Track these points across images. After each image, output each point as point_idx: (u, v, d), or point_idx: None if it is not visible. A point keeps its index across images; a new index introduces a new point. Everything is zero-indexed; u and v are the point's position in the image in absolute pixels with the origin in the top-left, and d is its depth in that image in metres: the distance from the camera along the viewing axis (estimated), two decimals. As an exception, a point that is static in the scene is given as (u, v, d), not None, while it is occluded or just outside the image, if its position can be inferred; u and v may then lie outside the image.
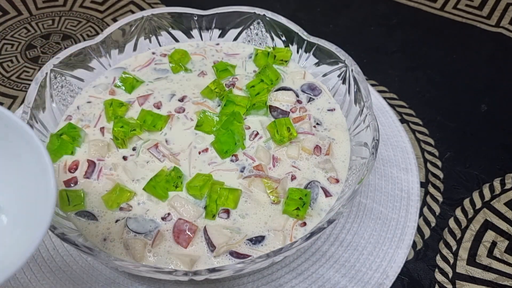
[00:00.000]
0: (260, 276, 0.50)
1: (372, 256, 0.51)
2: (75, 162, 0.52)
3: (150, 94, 0.59)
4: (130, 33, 0.63)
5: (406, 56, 0.76)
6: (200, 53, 0.65)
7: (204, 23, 0.65)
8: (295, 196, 0.48)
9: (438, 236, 0.55)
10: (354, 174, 0.50)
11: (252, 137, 0.55)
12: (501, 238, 0.55)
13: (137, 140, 0.54)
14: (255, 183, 0.51)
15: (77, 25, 0.80)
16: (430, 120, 0.67)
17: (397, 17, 0.83)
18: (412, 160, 0.60)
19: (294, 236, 0.48)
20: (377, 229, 0.53)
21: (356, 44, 0.77)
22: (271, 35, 0.64)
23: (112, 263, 0.40)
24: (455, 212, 0.57)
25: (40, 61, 0.74)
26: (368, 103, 0.52)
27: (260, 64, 0.62)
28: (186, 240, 0.46)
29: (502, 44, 0.78)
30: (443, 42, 0.78)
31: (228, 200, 0.48)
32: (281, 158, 0.53)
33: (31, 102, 0.52)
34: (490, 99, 0.70)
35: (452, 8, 0.84)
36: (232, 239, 0.47)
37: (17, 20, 0.81)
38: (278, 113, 0.58)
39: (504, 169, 0.61)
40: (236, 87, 0.60)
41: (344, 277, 0.50)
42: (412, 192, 0.57)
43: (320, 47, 0.60)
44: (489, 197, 0.59)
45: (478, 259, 0.53)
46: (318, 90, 0.61)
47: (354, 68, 0.56)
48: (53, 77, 0.56)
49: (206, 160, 0.53)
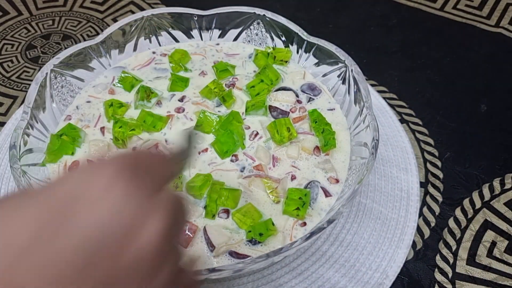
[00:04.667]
0: (260, 276, 0.50)
1: (372, 256, 0.51)
2: (75, 162, 0.52)
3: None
4: (130, 33, 0.63)
5: (406, 56, 0.76)
6: (200, 53, 0.65)
7: (204, 23, 0.65)
8: (295, 196, 0.48)
9: (438, 236, 0.55)
10: (354, 174, 0.50)
11: (252, 137, 0.55)
12: (501, 238, 0.55)
13: (137, 140, 0.54)
14: (255, 183, 0.51)
15: (77, 25, 0.80)
16: (430, 120, 0.67)
17: (397, 17, 0.83)
18: (412, 160, 0.60)
19: (294, 236, 0.48)
20: (377, 229, 0.53)
21: (356, 44, 0.77)
22: (271, 35, 0.64)
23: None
24: (454, 212, 0.57)
25: (40, 61, 0.74)
26: (368, 103, 0.52)
27: (260, 64, 0.62)
28: (186, 240, 0.46)
29: (502, 44, 0.78)
30: (443, 42, 0.78)
31: (228, 200, 0.48)
32: (281, 158, 0.53)
33: (31, 102, 0.52)
34: (490, 99, 0.70)
35: (451, 8, 0.84)
36: (232, 239, 0.47)
37: (17, 20, 0.81)
38: (278, 113, 0.58)
39: (504, 169, 0.61)
40: (236, 87, 0.60)
41: (344, 277, 0.50)
42: (411, 192, 0.57)
43: (320, 47, 0.60)
44: (489, 197, 0.59)
45: (477, 259, 0.53)
46: (318, 90, 0.61)
47: (354, 68, 0.56)
48: (53, 77, 0.56)
49: (206, 160, 0.53)
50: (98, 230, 0.22)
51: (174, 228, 0.26)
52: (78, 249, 0.22)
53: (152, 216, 0.24)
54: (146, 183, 0.25)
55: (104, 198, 0.23)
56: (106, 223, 0.22)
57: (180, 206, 0.27)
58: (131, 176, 0.24)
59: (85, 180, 0.24)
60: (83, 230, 0.22)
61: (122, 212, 0.23)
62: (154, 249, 0.24)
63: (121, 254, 0.23)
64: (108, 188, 0.23)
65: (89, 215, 0.22)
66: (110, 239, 0.22)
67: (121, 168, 0.24)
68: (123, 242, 0.23)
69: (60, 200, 0.23)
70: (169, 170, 0.29)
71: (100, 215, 0.23)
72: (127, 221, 0.23)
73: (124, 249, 0.23)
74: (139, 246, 0.23)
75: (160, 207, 0.25)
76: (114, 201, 0.23)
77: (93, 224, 0.22)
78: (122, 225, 0.23)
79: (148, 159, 0.27)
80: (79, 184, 0.23)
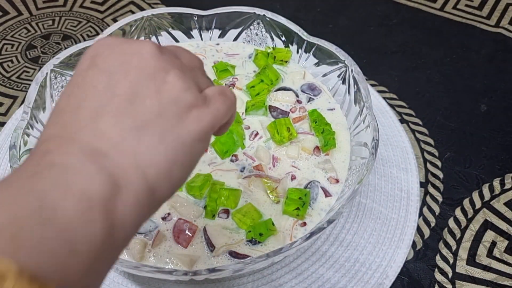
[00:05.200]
0: (260, 276, 0.50)
1: (372, 256, 0.51)
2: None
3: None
4: (130, 33, 0.63)
5: (406, 56, 0.76)
6: (200, 53, 0.65)
7: (204, 23, 0.65)
8: (295, 196, 0.48)
9: (438, 236, 0.55)
10: (354, 174, 0.50)
11: (252, 137, 0.55)
12: (501, 238, 0.55)
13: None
14: (255, 183, 0.51)
15: (77, 25, 0.80)
16: (430, 120, 0.67)
17: (397, 17, 0.83)
18: (412, 160, 0.60)
19: (294, 236, 0.48)
20: (376, 229, 0.53)
21: (356, 44, 0.77)
22: (271, 35, 0.64)
23: (112, 263, 0.40)
24: (454, 212, 0.57)
25: (40, 61, 0.74)
26: (368, 103, 0.52)
27: (260, 64, 0.62)
28: (186, 240, 0.46)
29: (502, 44, 0.78)
30: (443, 42, 0.78)
31: (228, 200, 0.48)
32: (281, 158, 0.53)
33: (31, 102, 0.52)
34: (490, 99, 0.70)
35: (452, 8, 0.84)
36: (232, 239, 0.47)
37: (17, 20, 0.81)
38: (278, 113, 0.58)
39: (504, 169, 0.61)
40: (236, 87, 0.60)
41: (344, 277, 0.50)
42: (411, 192, 0.57)
43: (320, 47, 0.60)
44: (489, 197, 0.59)
45: (477, 259, 0.53)
46: (318, 90, 0.61)
47: (354, 68, 0.56)
48: (53, 77, 0.56)
49: (206, 160, 0.53)
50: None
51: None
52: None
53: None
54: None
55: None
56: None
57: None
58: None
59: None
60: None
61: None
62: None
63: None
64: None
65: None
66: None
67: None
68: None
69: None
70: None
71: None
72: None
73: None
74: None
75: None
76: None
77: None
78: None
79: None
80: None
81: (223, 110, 0.27)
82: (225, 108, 0.28)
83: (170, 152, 0.25)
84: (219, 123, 0.27)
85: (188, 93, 0.26)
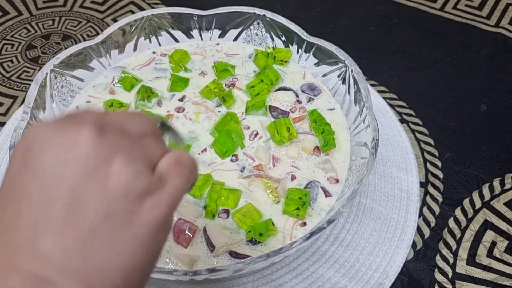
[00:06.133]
0: (260, 276, 0.50)
1: (372, 256, 0.51)
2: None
3: (150, 94, 0.59)
4: (130, 33, 0.63)
5: (406, 56, 0.76)
6: (200, 53, 0.65)
7: (204, 23, 0.65)
8: (295, 196, 0.48)
9: (438, 236, 0.55)
10: (354, 174, 0.50)
11: (252, 137, 0.55)
12: (501, 238, 0.55)
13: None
14: (255, 183, 0.51)
15: (77, 25, 0.80)
16: (430, 120, 0.67)
17: (397, 17, 0.83)
18: (412, 160, 0.60)
19: (294, 236, 0.48)
20: (377, 229, 0.53)
21: (356, 44, 0.77)
22: (271, 35, 0.64)
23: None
24: (454, 212, 0.57)
25: (40, 61, 0.74)
26: (368, 103, 0.52)
27: (260, 64, 0.62)
28: (186, 240, 0.46)
29: (502, 44, 0.78)
30: (443, 42, 0.78)
31: (228, 200, 0.48)
32: (281, 158, 0.53)
33: (31, 102, 0.52)
34: (490, 99, 0.70)
35: (452, 8, 0.84)
36: (232, 239, 0.47)
37: (17, 20, 0.81)
38: (278, 113, 0.58)
39: (504, 169, 0.61)
40: (236, 87, 0.60)
41: (344, 277, 0.50)
42: (411, 192, 0.57)
43: (320, 47, 0.60)
44: (489, 197, 0.59)
45: (477, 259, 0.53)
46: (318, 90, 0.61)
47: (354, 68, 0.56)
48: (53, 77, 0.56)
49: (206, 160, 0.53)
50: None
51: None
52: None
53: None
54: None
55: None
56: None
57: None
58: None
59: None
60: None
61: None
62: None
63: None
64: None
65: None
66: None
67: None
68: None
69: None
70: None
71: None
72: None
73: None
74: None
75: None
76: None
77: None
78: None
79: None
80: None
81: (181, 186, 0.25)
82: (183, 182, 0.25)
83: (127, 258, 0.22)
84: (180, 200, 0.25)
85: (138, 180, 0.22)
